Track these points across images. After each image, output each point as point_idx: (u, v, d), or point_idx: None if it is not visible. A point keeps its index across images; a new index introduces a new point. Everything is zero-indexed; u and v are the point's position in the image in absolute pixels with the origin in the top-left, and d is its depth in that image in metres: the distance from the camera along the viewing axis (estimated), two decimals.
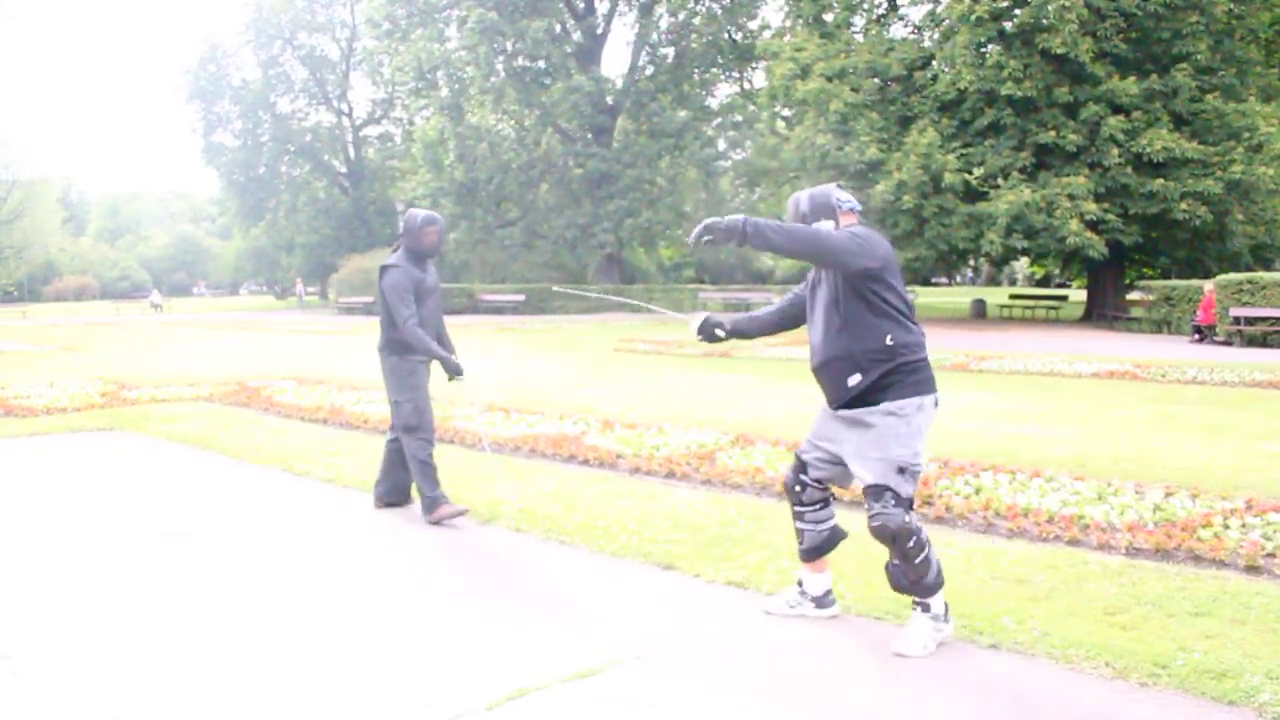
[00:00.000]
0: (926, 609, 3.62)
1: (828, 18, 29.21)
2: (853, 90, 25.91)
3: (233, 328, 29.54)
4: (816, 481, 3.83)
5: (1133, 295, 27.89)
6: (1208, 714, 3.04)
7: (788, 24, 32.00)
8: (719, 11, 38.98)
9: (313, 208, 54.27)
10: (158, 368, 14.92)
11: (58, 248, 68.86)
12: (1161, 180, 23.90)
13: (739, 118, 41.61)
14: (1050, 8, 23.05)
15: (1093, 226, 24.08)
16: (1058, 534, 4.90)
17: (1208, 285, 20.30)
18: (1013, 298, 34.05)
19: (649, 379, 12.93)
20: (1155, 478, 6.14)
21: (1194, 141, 23.93)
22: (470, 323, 27.92)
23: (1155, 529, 4.81)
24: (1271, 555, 4.48)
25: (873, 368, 3.57)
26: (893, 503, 3.53)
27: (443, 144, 39.10)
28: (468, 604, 4.21)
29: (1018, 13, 24.57)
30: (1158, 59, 24.95)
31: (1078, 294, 41.20)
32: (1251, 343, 18.62)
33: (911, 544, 3.54)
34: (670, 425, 8.27)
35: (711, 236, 3.47)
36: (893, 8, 30.66)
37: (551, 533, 5.21)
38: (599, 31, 40.31)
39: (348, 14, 54.21)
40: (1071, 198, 23.90)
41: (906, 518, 3.54)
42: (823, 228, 3.62)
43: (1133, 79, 24.23)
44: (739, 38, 39.47)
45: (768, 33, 36.34)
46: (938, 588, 3.63)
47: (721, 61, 40.85)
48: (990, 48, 25.42)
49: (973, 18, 24.40)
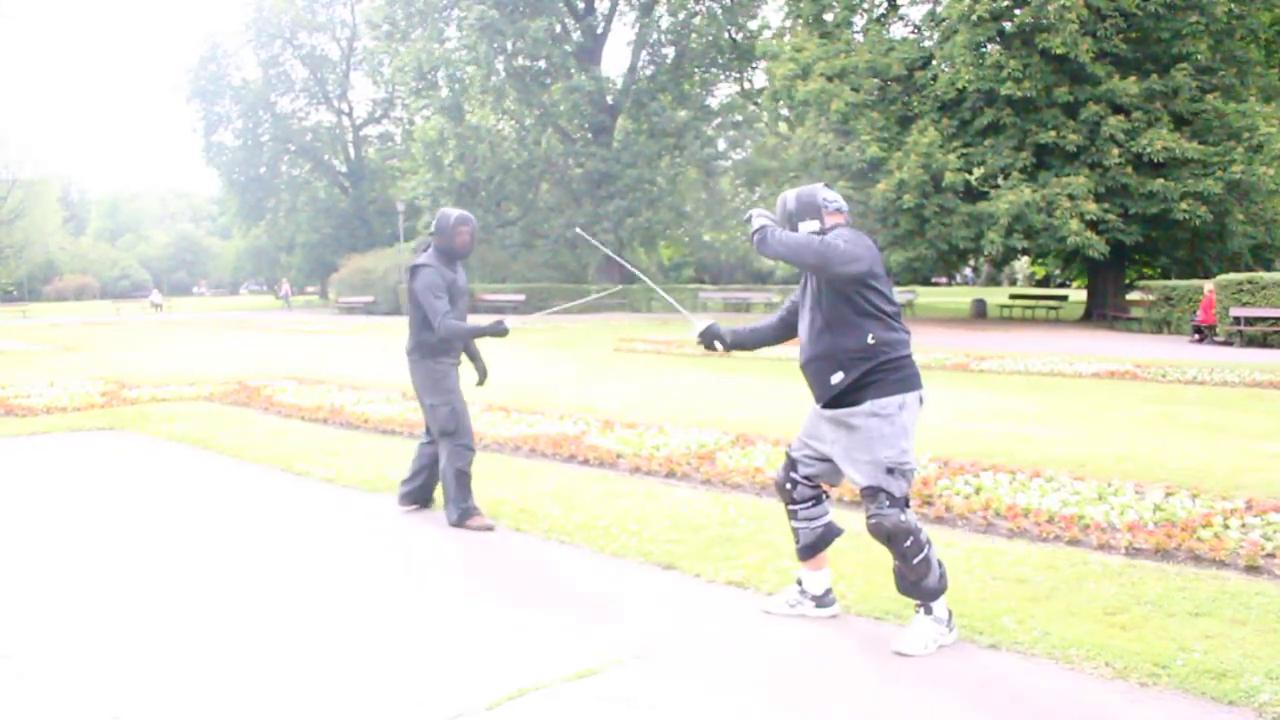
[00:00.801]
0: (929, 611, 3.63)
1: (828, 17, 29.21)
2: (853, 90, 25.91)
3: (233, 327, 29.54)
4: (806, 479, 3.87)
5: (1133, 295, 27.85)
6: (1208, 714, 3.04)
7: (787, 24, 31.98)
8: (719, 11, 38.96)
9: (313, 207, 54.30)
10: (158, 367, 14.92)
11: (58, 247, 68.84)
12: (1161, 180, 23.89)
13: (739, 117, 41.58)
14: (1050, 8, 23.04)
15: (1093, 226, 24.07)
16: (1058, 534, 4.90)
17: (1208, 285, 20.30)
18: (1013, 298, 34.06)
19: (649, 379, 12.93)
20: (1155, 478, 6.14)
21: (1194, 141, 23.92)
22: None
23: (1155, 529, 4.81)
24: (1271, 555, 4.49)
25: (854, 366, 3.62)
26: (887, 503, 3.57)
27: (443, 144, 39.09)
28: (467, 603, 4.21)
29: (1018, 12, 24.56)
30: (1158, 59, 24.94)
31: (1078, 294, 41.17)
32: (1251, 343, 18.62)
33: (909, 543, 3.56)
34: (670, 425, 8.27)
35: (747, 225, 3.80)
36: (892, 7, 30.66)
37: (552, 532, 5.21)
38: (599, 31, 40.31)
39: (348, 14, 54.31)
40: (1071, 198, 23.90)
41: (902, 517, 3.56)
42: (810, 229, 3.71)
43: (1133, 79, 24.22)
44: (739, 38, 39.46)
45: (767, 33, 36.33)
46: (939, 592, 3.64)
47: (721, 61, 40.84)
48: (990, 47, 25.40)
49: (973, 17, 24.38)
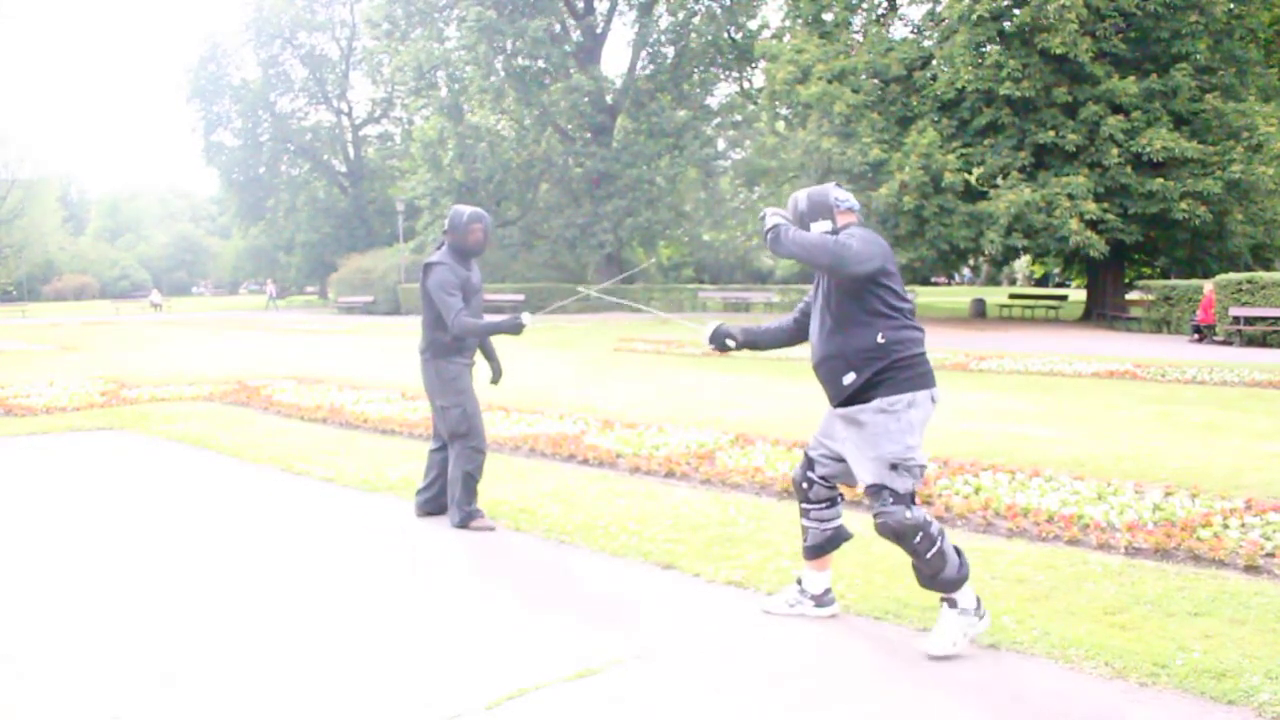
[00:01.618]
0: (954, 604, 3.58)
1: (827, 17, 29.20)
2: (854, 92, 25.91)
3: (233, 327, 29.53)
4: (823, 479, 3.85)
5: (1132, 295, 27.86)
6: (1207, 713, 3.04)
7: (787, 24, 31.97)
8: (719, 11, 38.95)
9: (312, 207, 54.26)
10: (157, 367, 14.92)
11: (57, 247, 68.78)
12: (1161, 180, 23.90)
13: (738, 117, 41.58)
14: (1050, 8, 23.04)
15: (1092, 226, 24.08)
16: (1057, 534, 4.90)
17: (1207, 285, 20.30)
18: (1012, 297, 34.05)
19: (649, 378, 12.93)
20: (1155, 477, 6.14)
21: (1193, 141, 23.92)
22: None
23: (1155, 529, 4.82)
24: (1271, 555, 4.49)
25: (866, 366, 3.59)
26: (890, 500, 3.54)
27: (442, 143, 39.08)
28: (467, 603, 4.21)
29: (1017, 12, 24.55)
30: (1157, 59, 24.94)
31: (1077, 294, 41.18)
32: (1251, 342, 18.62)
33: (919, 539, 3.53)
34: (670, 425, 8.27)
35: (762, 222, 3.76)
36: (892, 8, 30.65)
37: (551, 532, 5.22)
38: (598, 31, 40.29)
39: (347, 13, 54.25)
40: (1071, 197, 23.90)
41: (908, 514, 3.52)
42: (822, 228, 3.69)
43: (1132, 79, 24.22)
44: (739, 37, 39.45)
45: (766, 33, 36.32)
46: (961, 581, 3.59)
47: (721, 61, 40.83)
48: (989, 47, 25.39)
49: (972, 17, 24.39)
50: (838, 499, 3.90)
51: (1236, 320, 18.91)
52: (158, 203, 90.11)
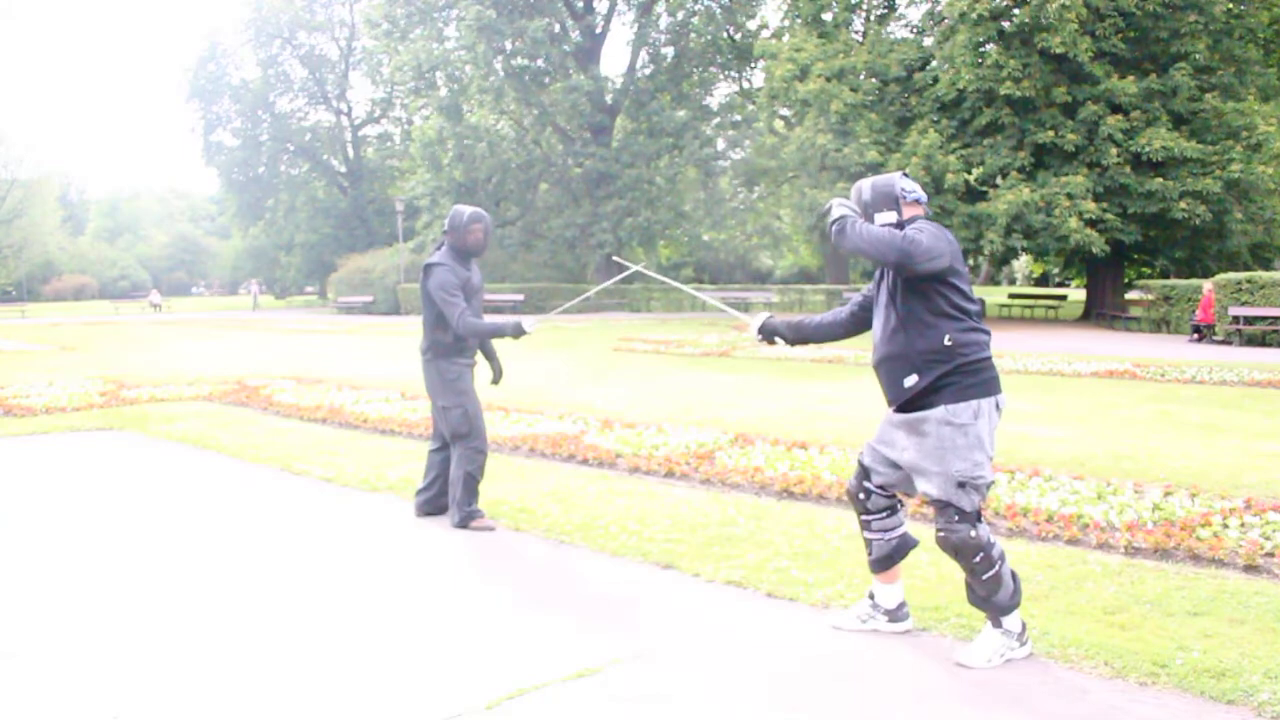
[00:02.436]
0: (999, 624, 3.50)
1: (826, 17, 29.20)
2: (852, 91, 25.91)
3: (233, 327, 29.53)
4: (880, 488, 3.67)
5: (1132, 295, 27.88)
6: (1206, 713, 3.04)
7: (786, 23, 31.97)
8: (718, 11, 38.94)
9: (311, 207, 54.25)
10: (157, 367, 14.92)
11: (57, 247, 68.70)
12: (1160, 179, 23.91)
13: (738, 117, 41.57)
14: (1050, 7, 23.04)
15: (1092, 225, 24.10)
16: (1057, 533, 4.91)
17: (1207, 284, 20.30)
18: (1012, 297, 34.07)
19: (648, 378, 12.93)
20: (1154, 477, 6.15)
21: (1193, 141, 23.94)
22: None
23: (1154, 528, 4.82)
24: (1270, 555, 4.49)
25: (929, 369, 3.42)
26: (956, 518, 3.42)
27: (441, 143, 39.06)
28: (467, 603, 4.21)
29: (1017, 12, 24.56)
30: (1156, 58, 24.95)
31: (1077, 293, 41.20)
32: (1250, 342, 18.63)
33: (978, 559, 3.42)
34: (669, 424, 8.27)
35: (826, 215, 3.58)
36: (891, 8, 30.65)
37: (551, 532, 5.22)
38: (598, 31, 40.28)
39: (347, 13, 54.23)
40: (1070, 197, 23.92)
41: (972, 533, 3.41)
42: (887, 220, 3.50)
43: (1131, 78, 24.23)
44: (738, 37, 39.46)
45: (766, 33, 36.32)
46: (1012, 608, 3.50)
47: (720, 61, 40.82)
48: (989, 47, 25.41)
49: (972, 17, 24.40)
50: (898, 506, 3.71)
51: (1236, 320, 18.92)
52: (157, 203, 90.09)
